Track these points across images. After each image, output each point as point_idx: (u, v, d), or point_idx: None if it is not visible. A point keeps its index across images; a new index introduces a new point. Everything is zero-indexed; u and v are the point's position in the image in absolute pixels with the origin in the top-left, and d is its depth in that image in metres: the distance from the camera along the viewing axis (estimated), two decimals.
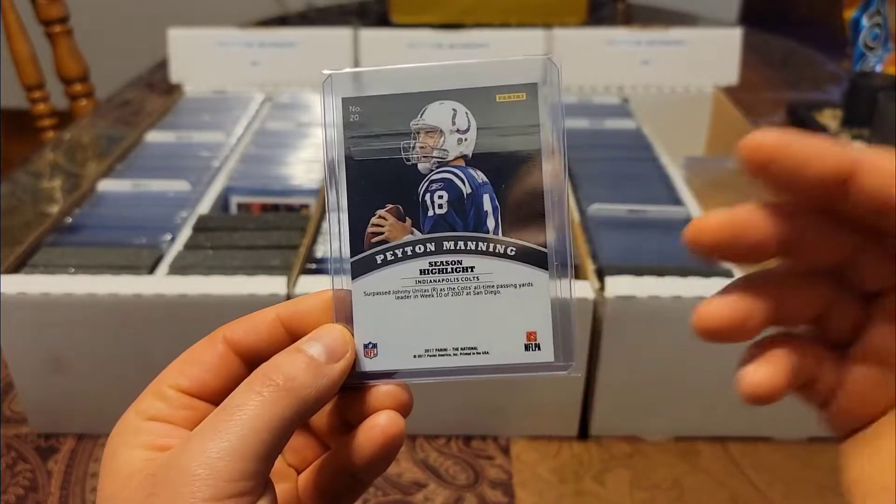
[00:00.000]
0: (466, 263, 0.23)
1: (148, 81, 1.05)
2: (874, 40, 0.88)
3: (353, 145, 0.23)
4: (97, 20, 1.85)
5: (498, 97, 0.22)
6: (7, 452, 0.46)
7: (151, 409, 0.22)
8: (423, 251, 0.23)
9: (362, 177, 0.23)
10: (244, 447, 0.20)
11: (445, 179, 0.23)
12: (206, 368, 0.23)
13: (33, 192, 0.76)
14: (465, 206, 0.22)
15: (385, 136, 0.23)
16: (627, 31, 0.77)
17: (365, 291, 0.23)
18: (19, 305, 0.42)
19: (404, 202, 0.23)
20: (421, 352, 0.23)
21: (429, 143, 0.22)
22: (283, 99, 0.74)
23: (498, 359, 0.23)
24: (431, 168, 0.23)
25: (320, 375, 0.22)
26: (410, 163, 0.23)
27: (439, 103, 0.23)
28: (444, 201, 0.23)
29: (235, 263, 0.47)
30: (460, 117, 0.22)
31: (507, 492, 0.43)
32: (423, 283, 0.23)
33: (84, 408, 0.46)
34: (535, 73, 0.22)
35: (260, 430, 0.20)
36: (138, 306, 0.42)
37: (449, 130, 0.22)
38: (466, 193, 0.22)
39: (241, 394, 0.21)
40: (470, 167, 0.22)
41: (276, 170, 0.60)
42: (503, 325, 0.23)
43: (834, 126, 0.83)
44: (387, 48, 0.76)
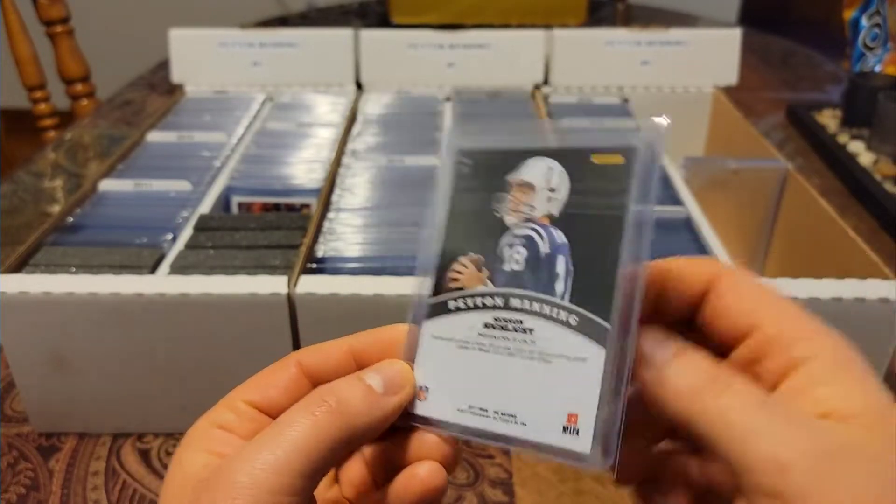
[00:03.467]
0: (528, 325, 0.22)
1: (149, 81, 1.05)
2: (873, 41, 0.88)
3: (457, 194, 0.23)
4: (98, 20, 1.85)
5: (594, 158, 0.21)
6: (8, 451, 0.46)
7: (220, 419, 0.23)
8: (491, 304, 0.22)
9: (458, 224, 0.23)
10: (289, 462, 0.20)
11: (527, 236, 0.22)
12: (278, 387, 0.24)
13: (35, 192, 0.76)
14: (541, 265, 0.22)
15: (483, 189, 0.23)
16: (627, 31, 0.77)
17: (433, 334, 0.23)
18: (21, 305, 0.42)
19: (486, 253, 0.23)
20: (464, 407, 0.23)
21: (520, 198, 0.22)
22: (283, 99, 0.74)
23: (533, 434, 0.21)
24: (517, 223, 0.22)
25: (374, 405, 0.22)
26: (499, 215, 0.23)
27: (538, 159, 0.22)
28: (522, 258, 0.22)
29: (236, 263, 0.47)
30: (555, 176, 0.22)
31: (507, 490, 0.44)
32: (485, 336, 0.22)
33: (85, 407, 0.47)
34: (638, 137, 0.21)
35: (307, 449, 0.21)
36: (140, 306, 0.42)
37: (541, 187, 0.22)
38: (544, 253, 0.22)
39: (295, 411, 0.22)
40: (553, 227, 0.22)
41: (277, 170, 0.60)
42: (547, 398, 0.21)
43: (833, 126, 0.83)
44: (387, 49, 0.77)
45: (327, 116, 0.70)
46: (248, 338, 0.44)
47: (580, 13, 1.16)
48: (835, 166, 0.77)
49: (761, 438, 0.19)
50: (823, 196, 0.55)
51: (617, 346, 0.20)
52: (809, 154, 0.81)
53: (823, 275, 0.42)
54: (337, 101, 0.73)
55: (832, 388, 0.20)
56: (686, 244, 0.50)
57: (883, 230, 0.67)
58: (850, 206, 0.71)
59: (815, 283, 0.41)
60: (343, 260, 0.48)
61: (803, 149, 0.83)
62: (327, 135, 0.66)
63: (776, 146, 0.66)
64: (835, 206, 0.53)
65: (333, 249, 0.49)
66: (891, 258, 0.61)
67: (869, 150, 0.77)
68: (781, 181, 0.61)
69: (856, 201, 0.72)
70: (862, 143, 0.78)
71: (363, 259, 0.48)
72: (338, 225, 0.52)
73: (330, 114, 0.71)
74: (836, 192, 0.73)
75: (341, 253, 0.49)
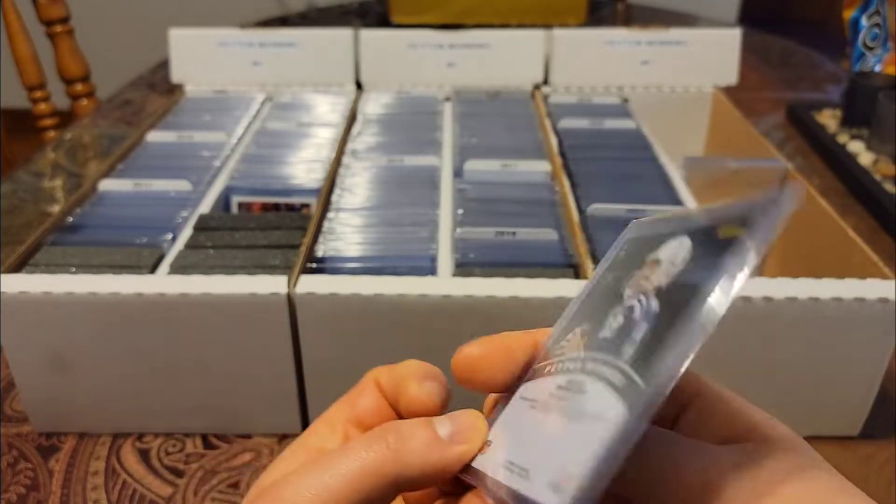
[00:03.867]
0: (587, 386, 0.20)
1: (149, 81, 1.05)
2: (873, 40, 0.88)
3: (604, 275, 0.23)
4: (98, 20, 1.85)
5: (720, 231, 0.19)
6: (8, 451, 0.46)
7: (315, 437, 0.24)
8: (572, 368, 0.21)
9: (590, 301, 0.23)
10: (335, 490, 0.21)
11: (630, 306, 0.21)
12: (367, 405, 0.25)
13: (35, 192, 0.76)
14: (627, 332, 0.20)
15: (624, 269, 0.22)
16: (627, 31, 0.77)
17: (521, 395, 0.23)
18: (20, 304, 0.42)
19: (595, 324, 0.22)
20: (503, 461, 0.21)
21: (647, 273, 0.21)
22: (283, 99, 0.74)
23: (529, 490, 0.20)
24: (631, 294, 0.21)
25: (434, 451, 0.22)
26: (622, 290, 0.21)
27: (675, 238, 0.21)
28: (617, 325, 0.21)
29: (236, 263, 0.47)
30: (683, 251, 0.20)
31: None
32: (553, 396, 0.21)
33: (85, 407, 0.47)
34: (760, 208, 0.19)
35: (354, 481, 0.21)
36: (139, 305, 0.42)
37: (667, 262, 0.20)
38: (635, 320, 0.20)
39: (357, 441, 0.22)
40: (655, 296, 0.20)
41: (276, 169, 0.60)
42: (555, 455, 0.19)
43: (833, 126, 0.83)
44: (387, 48, 0.77)
45: (327, 116, 0.70)
46: (248, 338, 0.44)
47: (580, 13, 1.16)
48: (834, 166, 0.77)
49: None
50: (823, 196, 0.55)
51: (642, 406, 0.18)
52: (809, 154, 0.81)
53: (823, 274, 0.42)
54: (337, 100, 0.73)
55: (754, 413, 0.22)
56: None
57: (883, 230, 0.67)
58: (850, 206, 0.71)
59: (815, 282, 0.41)
60: (343, 260, 0.48)
61: (803, 148, 0.83)
62: (327, 135, 0.66)
63: (776, 146, 0.66)
64: (834, 206, 0.53)
65: (333, 249, 0.49)
66: (890, 258, 0.61)
67: (869, 149, 0.77)
68: (781, 181, 0.61)
69: (855, 201, 0.72)
70: (862, 143, 0.78)
71: (363, 259, 0.48)
72: (337, 225, 0.52)
73: (330, 114, 0.71)
74: (835, 191, 0.74)
75: (341, 253, 0.49)
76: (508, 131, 0.66)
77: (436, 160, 0.60)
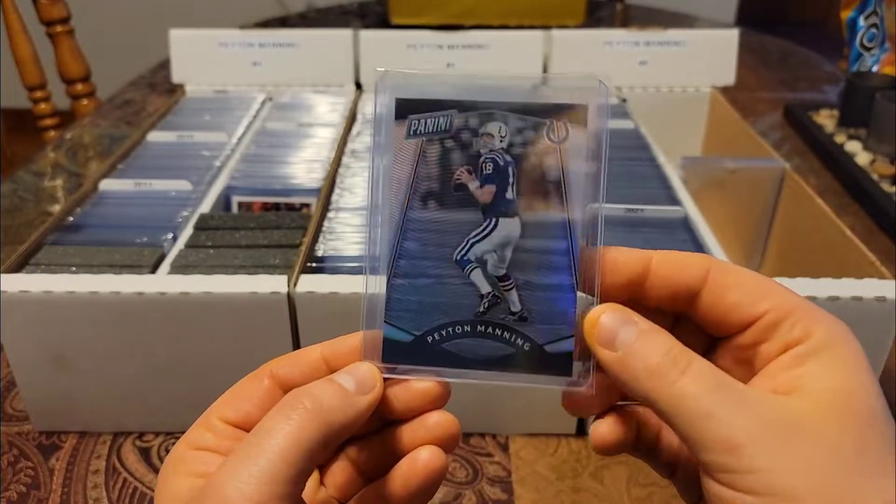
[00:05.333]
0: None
1: (149, 81, 1.05)
2: (871, 41, 0.88)
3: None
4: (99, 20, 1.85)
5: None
6: (9, 450, 0.46)
7: (199, 440, 0.23)
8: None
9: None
10: (274, 471, 0.20)
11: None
12: (252, 402, 0.24)
13: (35, 192, 0.77)
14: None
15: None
16: (625, 32, 0.77)
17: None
18: (21, 304, 0.43)
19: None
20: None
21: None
22: (283, 99, 0.75)
23: None
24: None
25: (348, 403, 0.23)
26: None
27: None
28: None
29: (236, 262, 0.47)
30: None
31: (505, 489, 0.44)
32: None
33: (86, 406, 0.47)
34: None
35: (289, 454, 0.21)
36: (140, 305, 0.42)
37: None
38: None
39: (272, 418, 0.22)
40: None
41: (276, 169, 0.60)
42: None
43: (831, 126, 0.84)
44: (386, 49, 0.77)
45: (327, 116, 0.70)
46: (248, 336, 0.44)
47: (579, 14, 1.16)
48: (832, 166, 0.77)
49: (714, 421, 0.20)
50: (820, 195, 0.55)
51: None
52: (807, 154, 0.82)
53: (821, 274, 0.42)
54: (336, 101, 0.73)
55: (811, 366, 0.21)
56: (684, 244, 0.51)
57: (880, 229, 0.67)
58: (847, 206, 0.71)
59: (813, 282, 0.42)
60: (343, 259, 0.48)
61: (800, 148, 0.83)
62: (327, 134, 0.66)
63: (773, 146, 0.67)
64: (832, 206, 0.54)
65: (333, 249, 0.49)
66: (888, 257, 0.61)
67: (866, 149, 0.77)
68: (779, 181, 0.61)
69: (853, 201, 0.72)
70: (859, 143, 0.78)
71: (363, 258, 0.48)
72: (337, 224, 0.52)
73: (329, 114, 0.71)
74: (833, 191, 0.74)
75: (341, 252, 0.49)
76: None
77: None
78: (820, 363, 0.21)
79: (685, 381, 0.21)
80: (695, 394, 0.21)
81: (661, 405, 0.21)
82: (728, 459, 0.20)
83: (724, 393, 0.21)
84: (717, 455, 0.20)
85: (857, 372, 0.21)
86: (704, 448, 0.20)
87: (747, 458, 0.20)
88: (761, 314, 0.22)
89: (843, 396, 0.21)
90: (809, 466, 0.19)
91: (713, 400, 0.21)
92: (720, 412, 0.20)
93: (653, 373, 0.21)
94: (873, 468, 0.20)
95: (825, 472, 0.19)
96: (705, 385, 0.21)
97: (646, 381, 0.21)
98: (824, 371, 0.21)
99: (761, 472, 0.20)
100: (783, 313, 0.22)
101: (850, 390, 0.21)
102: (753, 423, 0.20)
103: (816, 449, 0.20)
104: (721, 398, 0.21)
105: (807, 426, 0.20)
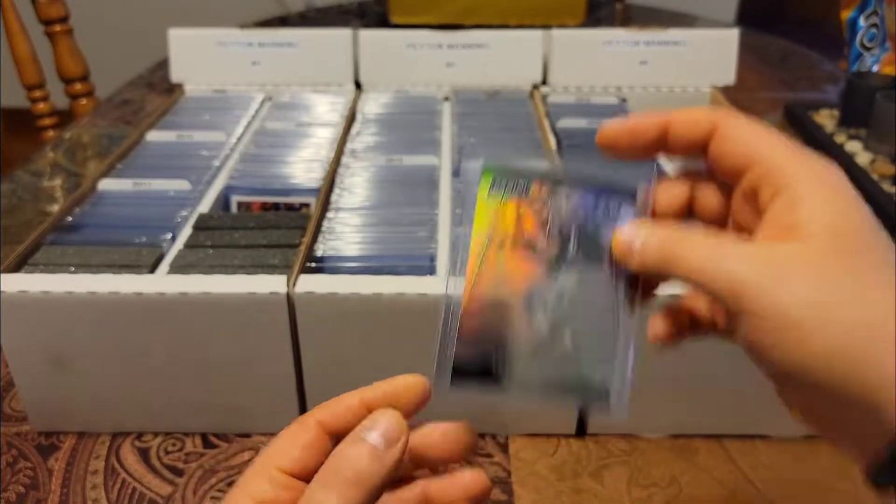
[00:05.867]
0: None
1: (148, 81, 1.05)
2: (871, 41, 0.88)
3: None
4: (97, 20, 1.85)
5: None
6: (8, 450, 0.46)
7: (259, 491, 0.25)
8: None
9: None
10: None
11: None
12: (304, 450, 0.25)
13: (34, 192, 0.76)
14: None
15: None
16: (625, 31, 0.77)
17: None
18: (20, 304, 0.42)
19: None
20: None
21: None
22: (283, 98, 0.74)
23: None
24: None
25: (381, 463, 0.24)
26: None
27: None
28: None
29: (236, 262, 0.47)
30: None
31: (505, 489, 0.44)
32: None
33: (85, 406, 0.47)
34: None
35: None
36: (139, 305, 0.42)
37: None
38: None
39: (319, 491, 0.24)
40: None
41: (276, 169, 0.60)
42: None
43: (831, 126, 0.84)
44: (386, 48, 0.77)
45: (326, 116, 0.70)
46: (247, 337, 0.44)
47: (578, 13, 1.16)
48: None
49: (720, 275, 0.23)
50: None
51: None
52: None
53: None
54: (336, 100, 0.73)
55: (806, 206, 0.23)
56: None
57: None
58: None
59: None
60: (342, 259, 0.48)
61: None
62: (326, 134, 0.66)
63: None
64: None
65: (332, 249, 0.49)
66: None
67: (866, 149, 0.77)
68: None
69: None
70: (859, 143, 0.78)
71: (362, 258, 0.48)
72: (337, 224, 0.52)
73: (329, 113, 0.71)
74: None
75: (340, 252, 0.49)
76: (507, 131, 0.66)
77: (435, 160, 0.61)
78: (814, 203, 0.23)
79: (686, 243, 0.24)
80: (695, 250, 0.24)
81: (674, 270, 0.24)
82: (738, 305, 0.22)
83: (722, 250, 0.24)
84: (731, 304, 0.23)
85: (845, 208, 0.23)
86: (722, 302, 0.23)
87: (753, 300, 0.22)
88: (753, 160, 0.24)
89: (835, 232, 0.23)
90: (801, 299, 0.22)
91: (712, 252, 0.24)
92: (722, 267, 0.23)
93: (661, 247, 0.25)
94: (870, 283, 0.22)
95: (820, 294, 0.22)
96: (704, 242, 0.24)
97: (656, 255, 0.25)
98: (818, 210, 0.23)
99: (764, 309, 0.22)
100: (774, 159, 0.24)
101: (839, 225, 0.23)
102: (750, 269, 0.23)
103: (809, 278, 0.22)
104: (719, 250, 0.24)
105: (794, 261, 0.22)
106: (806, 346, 0.21)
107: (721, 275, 0.23)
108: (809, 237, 0.23)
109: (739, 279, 0.22)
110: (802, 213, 0.23)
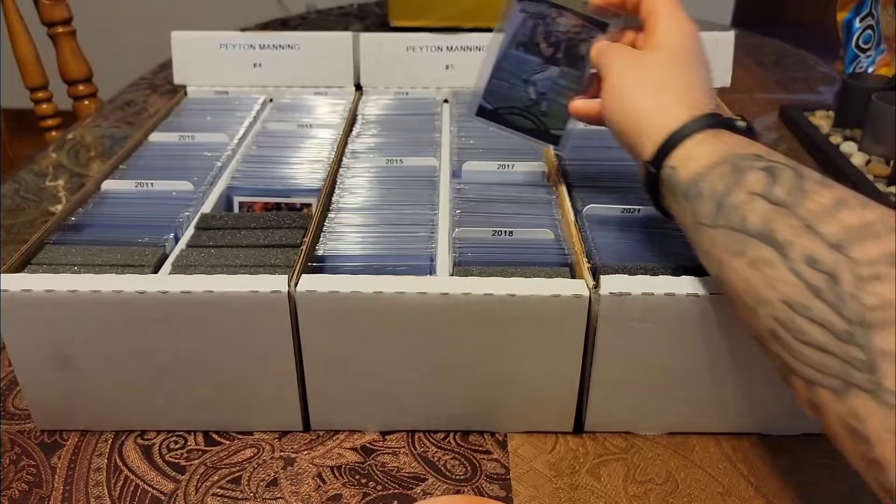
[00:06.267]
0: None
1: (151, 82, 1.06)
2: (867, 42, 0.89)
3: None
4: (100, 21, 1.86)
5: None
6: (11, 448, 0.47)
7: None
8: None
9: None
10: None
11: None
12: None
13: (37, 192, 0.77)
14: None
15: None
16: None
17: None
18: (23, 303, 0.43)
19: None
20: None
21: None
22: (284, 100, 0.75)
23: None
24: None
25: None
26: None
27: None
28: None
29: (238, 262, 0.48)
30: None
31: (504, 486, 0.44)
32: None
33: (88, 404, 0.47)
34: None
35: None
36: (142, 304, 0.43)
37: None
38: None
39: None
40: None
41: (277, 170, 0.61)
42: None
43: (826, 127, 0.84)
44: (386, 51, 0.77)
45: (327, 117, 0.71)
46: (250, 335, 0.44)
47: None
48: (827, 167, 0.78)
49: (611, 64, 0.47)
50: None
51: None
52: (802, 155, 0.82)
53: None
54: (337, 102, 0.74)
55: (661, 28, 0.45)
56: (682, 244, 0.51)
57: None
58: None
59: None
60: (343, 259, 0.49)
61: (796, 149, 0.83)
62: (327, 135, 0.67)
63: (769, 147, 0.67)
64: None
65: (334, 248, 0.50)
66: None
67: (861, 150, 0.78)
68: None
69: None
70: (854, 144, 0.79)
71: (363, 258, 0.49)
72: (338, 224, 0.52)
73: (330, 115, 0.71)
74: None
75: (341, 252, 0.49)
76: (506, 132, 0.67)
77: (434, 161, 0.61)
78: (667, 26, 0.45)
79: (607, 54, 0.47)
80: (606, 55, 0.47)
81: (598, 64, 0.48)
82: (605, 79, 0.46)
83: (619, 53, 0.46)
84: (602, 76, 0.47)
85: (685, 31, 0.46)
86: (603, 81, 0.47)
87: (615, 75, 0.45)
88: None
89: (679, 46, 0.45)
90: (639, 81, 0.44)
91: (611, 61, 0.46)
92: (613, 61, 0.46)
93: (598, 52, 0.48)
94: (694, 81, 0.44)
95: (651, 82, 0.43)
96: (610, 52, 0.47)
97: (595, 58, 0.48)
98: (669, 32, 0.45)
99: (614, 86, 0.45)
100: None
101: (682, 42, 0.45)
102: (622, 60, 0.46)
103: (650, 72, 0.44)
104: (614, 58, 0.46)
105: (649, 62, 0.44)
106: (614, 113, 0.44)
107: (611, 67, 0.45)
108: (662, 50, 0.44)
109: (616, 69, 0.45)
110: (659, 33, 0.45)
